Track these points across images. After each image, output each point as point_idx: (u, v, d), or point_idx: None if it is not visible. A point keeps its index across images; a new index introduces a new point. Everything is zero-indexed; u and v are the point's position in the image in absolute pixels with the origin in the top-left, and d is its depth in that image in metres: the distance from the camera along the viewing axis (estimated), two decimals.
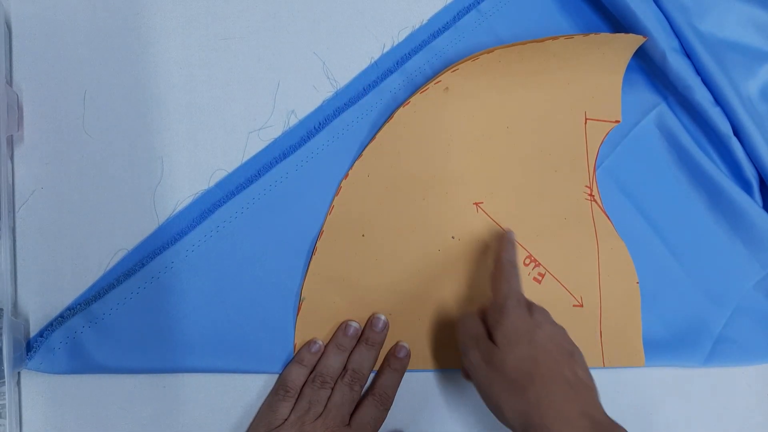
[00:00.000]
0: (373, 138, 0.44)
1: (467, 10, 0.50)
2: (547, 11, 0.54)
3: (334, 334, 0.42)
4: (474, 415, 0.46)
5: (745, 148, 0.55)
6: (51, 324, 0.37)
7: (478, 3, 0.51)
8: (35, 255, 0.38)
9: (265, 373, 0.41)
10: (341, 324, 0.42)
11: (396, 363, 0.43)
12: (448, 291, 0.45)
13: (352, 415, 0.40)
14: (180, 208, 0.41)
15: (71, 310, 0.37)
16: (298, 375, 0.40)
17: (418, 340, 0.44)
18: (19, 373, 0.36)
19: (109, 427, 0.38)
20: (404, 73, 0.47)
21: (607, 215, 0.51)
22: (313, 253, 0.42)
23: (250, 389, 0.41)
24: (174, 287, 0.39)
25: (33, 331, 0.37)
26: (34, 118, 0.39)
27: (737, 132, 0.55)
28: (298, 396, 0.40)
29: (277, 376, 0.41)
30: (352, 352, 0.42)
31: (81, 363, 0.36)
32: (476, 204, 0.47)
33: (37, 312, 0.37)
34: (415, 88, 0.46)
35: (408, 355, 0.43)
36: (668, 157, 0.56)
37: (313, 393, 0.39)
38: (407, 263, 0.44)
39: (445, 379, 0.45)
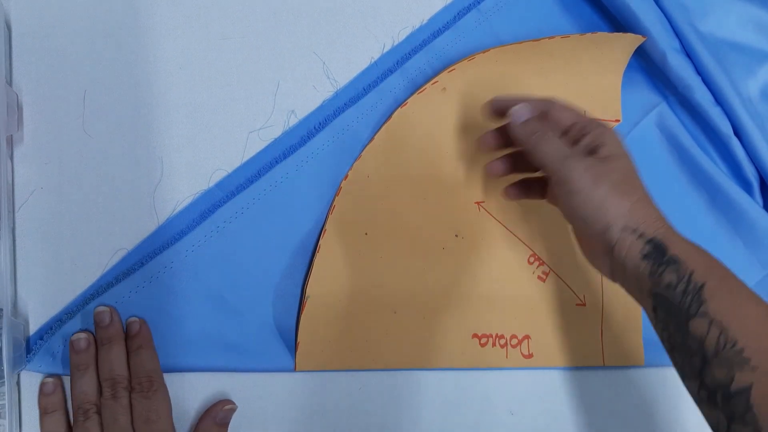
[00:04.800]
0: (371, 139, 0.44)
1: (467, 9, 0.50)
2: (548, 11, 0.54)
3: None
4: (475, 414, 0.46)
5: (745, 148, 0.55)
6: (50, 324, 0.37)
7: (478, 3, 0.51)
8: (35, 255, 0.38)
9: (265, 372, 0.41)
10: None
11: (135, 341, 0.37)
12: (453, 288, 0.45)
13: None
14: (180, 208, 0.41)
15: (71, 311, 0.37)
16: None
17: (422, 338, 0.44)
18: (18, 373, 0.36)
19: None
20: (404, 73, 0.47)
21: None
22: (316, 251, 0.42)
23: (250, 389, 0.40)
24: (174, 287, 0.39)
25: (32, 331, 0.37)
26: (34, 118, 0.39)
27: (737, 132, 0.54)
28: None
29: (275, 375, 0.41)
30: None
31: None
32: (478, 203, 0.47)
33: (37, 312, 0.37)
34: (416, 88, 0.46)
35: (143, 327, 0.38)
36: (668, 157, 0.55)
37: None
38: (411, 261, 0.44)
39: (447, 379, 0.45)
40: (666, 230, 0.36)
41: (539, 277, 0.48)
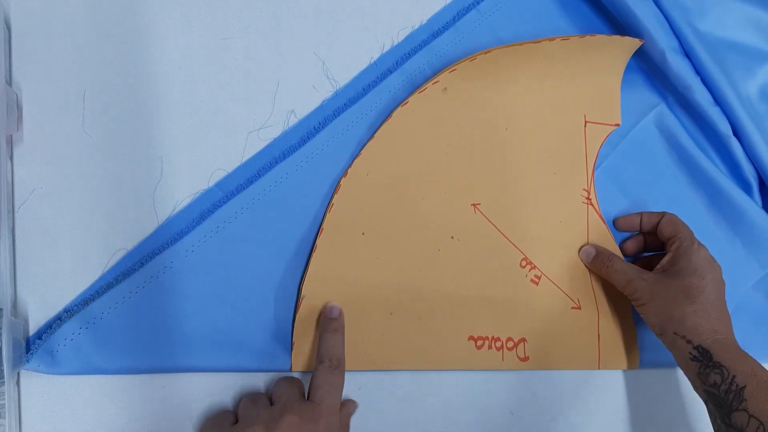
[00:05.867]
0: (372, 137, 0.44)
1: (467, 10, 0.50)
2: (547, 11, 0.54)
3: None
4: (475, 414, 0.46)
5: (744, 148, 0.55)
6: (50, 324, 0.37)
7: (478, 3, 0.51)
8: (35, 255, 0.38)
9: (264, 372, 0.41)
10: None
11: (332, 324, 0.40)
12: (449, 290, 0.45)
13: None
14: (180, 208, 0.41)
15: (70, 310, 0.37)
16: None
17: (418, 340, 0.44)
18: (18, 373, 0.36)
19: (109, 427, 0.38)
20: (404, 73, 0.47)
21: (603, 219, 0.51)
22: (312, 250, 0.42)
23: (250, 389, 0.41)
24: (173, 287, 0.39)
25: (32, 331, 0.37)
26: (34, 117, 0.39)
27: (737, 132, 0.55)
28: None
29: (274, 374, 0.41)
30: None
31: (80, 364, 0.36)
32: (474, 205, 0.47)
33: (37, 312, 0.37)
34: (415, 88, 0.46)
35: (341, 313, 0.41)
36: (668, 157, 0.56)
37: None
38: (407, 262, 0.44)
39: (444, 380, 0.45)
40: (713, 341, 0.43)
41: (532, 281, 0.48)
